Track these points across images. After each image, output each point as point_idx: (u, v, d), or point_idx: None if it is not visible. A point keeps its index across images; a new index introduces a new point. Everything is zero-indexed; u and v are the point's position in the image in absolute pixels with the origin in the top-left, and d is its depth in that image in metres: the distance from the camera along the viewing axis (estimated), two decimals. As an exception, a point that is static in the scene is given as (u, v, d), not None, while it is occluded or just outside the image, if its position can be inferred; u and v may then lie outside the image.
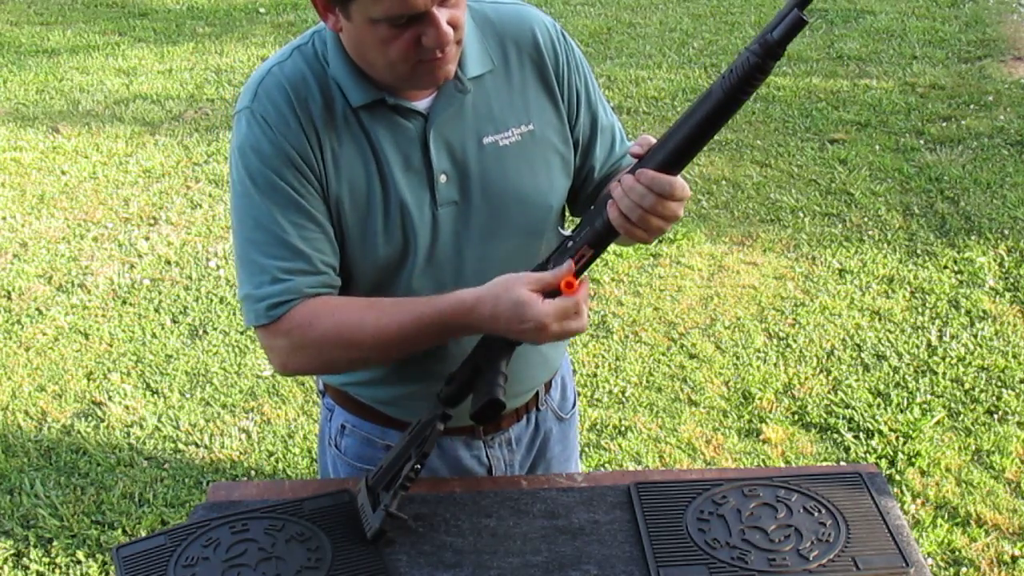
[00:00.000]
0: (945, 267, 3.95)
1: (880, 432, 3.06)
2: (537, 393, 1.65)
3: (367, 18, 1.23)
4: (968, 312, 3.66)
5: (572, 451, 1.81)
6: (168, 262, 4.17)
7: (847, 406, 3.19)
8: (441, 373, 1.43)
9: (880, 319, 3.65)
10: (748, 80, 1.16)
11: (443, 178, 1.39)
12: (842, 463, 2.94)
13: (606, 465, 2.99)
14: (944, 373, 3.33)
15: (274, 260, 1.34)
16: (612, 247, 1.38)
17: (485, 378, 1.36)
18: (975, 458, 2.97)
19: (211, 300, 3.88)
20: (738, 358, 3.45)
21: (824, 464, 2.93)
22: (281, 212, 1.33)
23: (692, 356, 3.47)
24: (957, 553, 2.63)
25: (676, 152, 1.23)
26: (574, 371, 3.39)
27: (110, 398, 3.32)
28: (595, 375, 3.39)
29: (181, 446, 3.10)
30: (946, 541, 2.66)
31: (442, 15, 1.23)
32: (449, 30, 1.24)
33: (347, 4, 1.23)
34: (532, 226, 1.46)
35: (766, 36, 1.14)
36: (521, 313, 1.25)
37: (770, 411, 3.19)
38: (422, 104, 1.37)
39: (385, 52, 1.26)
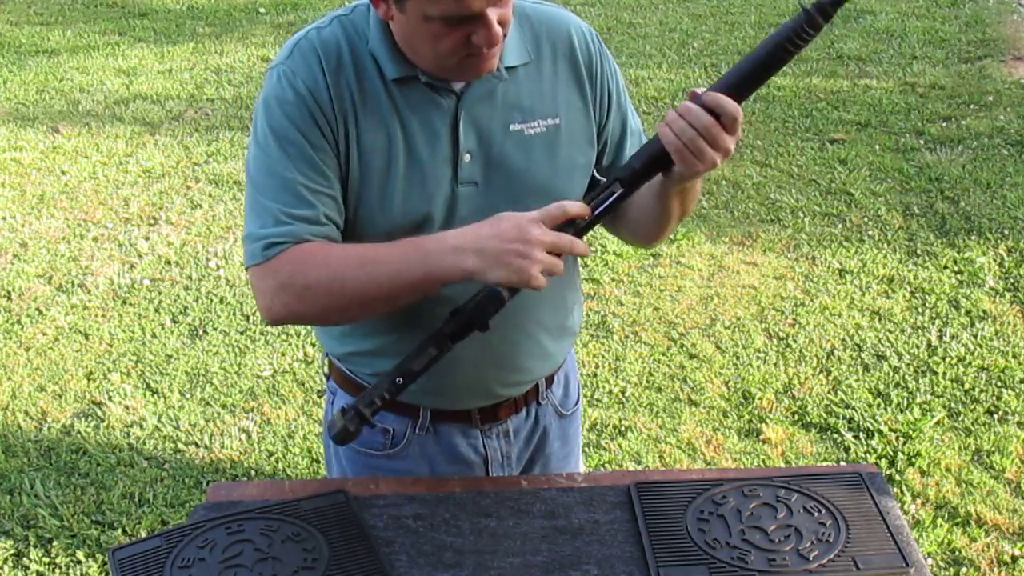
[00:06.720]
0: (945, 267, 3.95)
1: (880, 432, 3.06)
2: (538, 386, 1.66)
3: (422, 14, 1.27)
4: (968, 312, 3.66)
5: (573, 449, 1.81)
6: (168, 262, 4.17)
7: (847, 406, 3.19)
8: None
9: (880, 319, 3.65)
10: (799, 34, 1.23)
11: (467, 157, 1.41)
12: (842, 463, 2.94)
13: (606, 465, 2.99)
14: (944, 373, 3.33)
15: (280, 204, 1.37)
16: (612, 247, 1.38)
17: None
18: (975, 458, 2.97)
19: (211, 300, 3.87)
20: (738, 358, 3.45)
21: (824, 464, 2.93)
22: (294, 163, 1.37)
23: (692, 356, 3.47)
24: (957, 553, 2.63)
25: (739, 78, 1.30)
26: (574, 371, 3.40)
27: (110, 398, 3.32)
28: (595, 375, 3.39)
29: (181, 446, 3.10)
30: (946, 541, 2.66)
31: (493, 15, 1.27)
32: (499, 29, 1.28)
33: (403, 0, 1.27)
34: None
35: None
36: (501, 218, 1.29)
37: (770, 411, 3.19)
38: (456, 83, 1.40)
39: (435, 46, 1.30)
